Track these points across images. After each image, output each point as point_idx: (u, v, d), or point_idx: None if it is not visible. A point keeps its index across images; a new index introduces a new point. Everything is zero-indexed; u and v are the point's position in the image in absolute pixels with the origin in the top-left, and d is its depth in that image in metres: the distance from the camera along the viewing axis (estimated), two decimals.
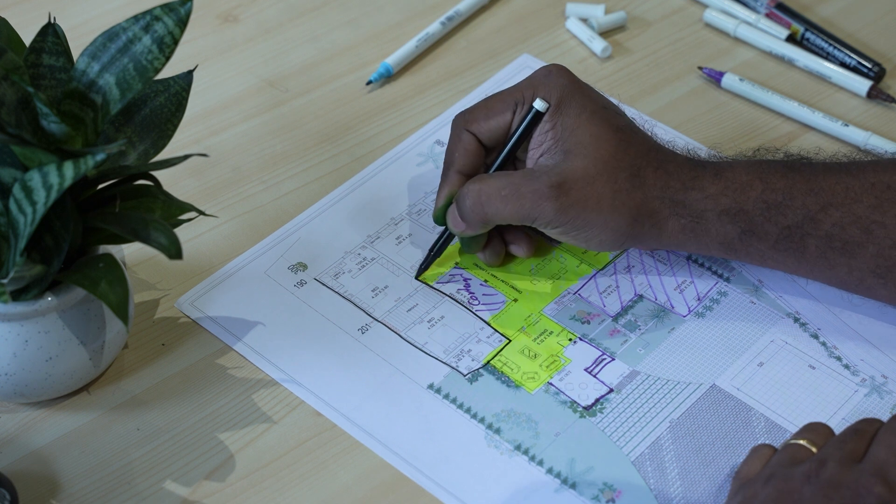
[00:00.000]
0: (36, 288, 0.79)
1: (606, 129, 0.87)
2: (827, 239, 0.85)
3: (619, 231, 0.87)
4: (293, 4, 1.13)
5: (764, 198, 0.86)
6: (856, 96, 1.06)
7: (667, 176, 0.87)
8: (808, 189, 0.86)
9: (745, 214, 0.86)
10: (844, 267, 0.86)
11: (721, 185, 0.86)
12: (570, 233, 0.87)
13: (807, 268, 0.87)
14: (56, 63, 0.80)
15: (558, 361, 0.87)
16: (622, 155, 0.87)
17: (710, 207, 0.86)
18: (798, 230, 0.86)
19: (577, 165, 0.86)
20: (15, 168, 0.77)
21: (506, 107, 0.90)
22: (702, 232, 0.87)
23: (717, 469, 0.82)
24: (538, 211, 0.86)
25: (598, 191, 0.86)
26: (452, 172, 0.90)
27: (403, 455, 0.83)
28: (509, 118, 0.89)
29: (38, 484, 0.81)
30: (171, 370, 0.87)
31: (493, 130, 0.90)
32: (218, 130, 1.02)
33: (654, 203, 0.87)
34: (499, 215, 0.87)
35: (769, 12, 1.11)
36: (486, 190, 0.87)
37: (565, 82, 0.89)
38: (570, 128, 0.87)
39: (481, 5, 1.13)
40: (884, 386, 0.86)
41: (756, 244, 0.87)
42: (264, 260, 0.93)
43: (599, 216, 0.86)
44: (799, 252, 0.86)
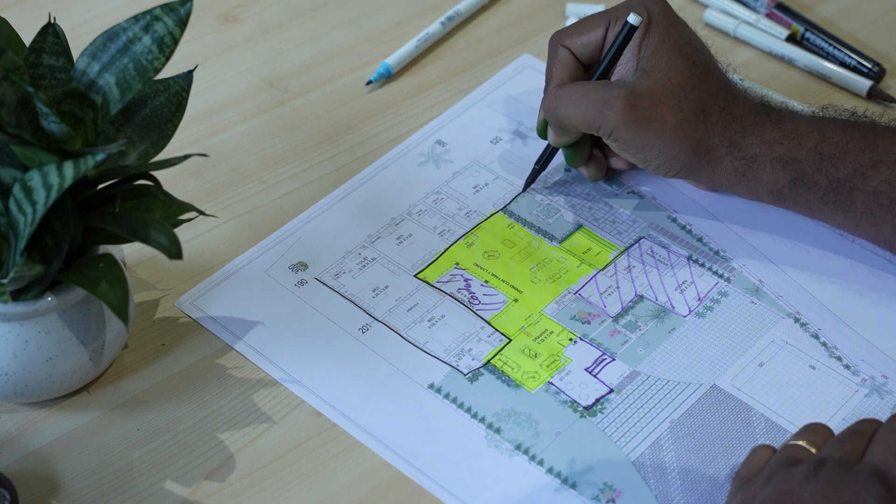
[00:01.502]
0: (36, 288, 0.79)
1: (683, 61, 0.90)
2: (874, 195, 0.87)
3: (678, 159, 0.90)
4: (293, 4, 1.13)
5: (819, 149, 0.88)
6: (856, 96, 1.06)
7: (730, 117, 0.90)
8: (864, 145, 0.88)
9: (797, 163, 0.88)
10: (889, 224, 0.88)
11: (780, 133, 0.89)
12: (629, 149, 0.90)
13: (853, 222, 0.90)
14: (56, 63, 0.80)
15: (559, 361, 0.87)
16: (691, 88, 0.90)
17: (765, 153, 0.89)
18: (847, 183, 0.88)
19: (647, 85, 0.89)
20: (15, 168, 0.77)
21: (599, 23, 0.93)
22: (753, 176, 0.90)
23: (717, 469, 0.82)
24: (602, 119, 0.89)
25: (663, 113, 0.89)
26: (551, 87, 0.94)
27: (404, 455, 0.83)
28: (602, 34, 0.93)
29: (38, 484, 0.81)
30: (171, 370, 0.87)
31: (586, 45, 0.93)
32: (218, 130, 1.02)
33: (713, 140, 0.89)
34: (568, 119, 0.91)
35: (769, 12, 1.11)
36: (561, 93, 0.91)
37: (659, 9, 0.92)
38: (651, 49, 0.90)
39: (481, 5, 1.13)
40: (884, 386, 0.86)
41: (805, 194, 0.89)
42: (265, 260, 0.93)
43: (661, 139, 0.89)
44: (846, 206, 0.88)
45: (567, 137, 0.93)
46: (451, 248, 0.94)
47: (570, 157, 0.96)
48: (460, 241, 0.95)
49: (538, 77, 1.06)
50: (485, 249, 0.94)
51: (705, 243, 0.94)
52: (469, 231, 0.95)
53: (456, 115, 1.03)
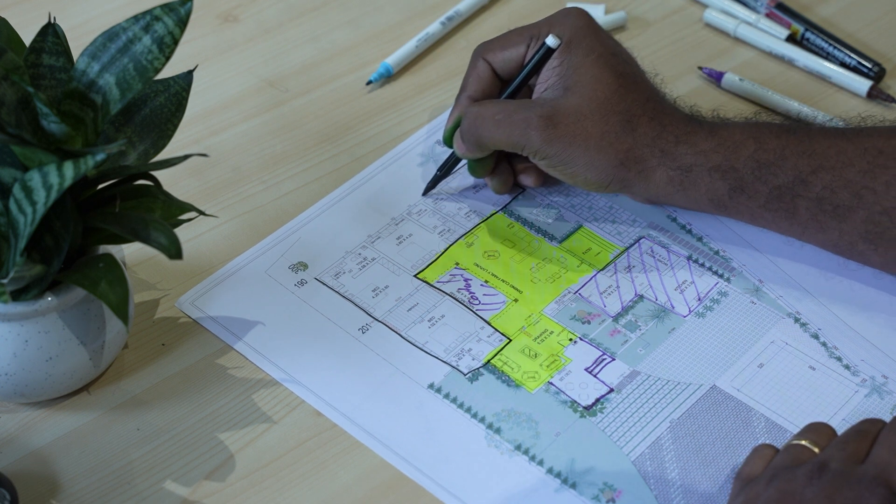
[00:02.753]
0: (36, 288, 0.79)
1: (609, 73, 0.90)
2: (817, 201, 0.87)
3: (604, 171, 0.89)
4: (293, 4, 1.13)
5: (756, 157, 0.87)
6: (856, 96, 1.06)
7: (660, 127, 0.89)
8: (801, 151, 0.87)
9: (735, 172, 0.88)
10: (835, 230, 0.87)
11: (714, 141, 0.88)
12: (556, 166, 0.90)
13: (798, 229, 0.89)
14: (56, 63, 0.80)
15: (559, 361, 0.87)
16: (618, 99, 0.89)
17: (701, 162, 0.88)
18: (788, 191, 0.87)
19: (572, 102, 0.89)
20: (15, 168, 0.77)
21: (521, 40, 0.93)
22: (690, 185, 0.89)
23: (717, 469, 0.82)
24: (525, 138, 0.89)
25: (587, 128, 0.88)
26: (464, 97, 0.94)
27: (403, 455, 0.83)
28: (523, 51, 0.93)
29: (38, 484, 0.81)
30: (171, 370, 0.87)
31: (506, 61, 0.93)
32: (218, 130, 1.02)
33: (642, 150, 0.89)
34: (491, 139, 0.90)
35: (769, 12, 1.11)
36: (482, 112, 0.91)
37: (581, 24, 0.92)
38: (574, 66, 0.90)
39: (481, 5, 1.13)
40: (884, 386, 0.86)
41: (746, 202, 0.89)
42: (265, 260, 0.93)
43: (585, 153, 0.89)
44: (789, 213, 0.88)
45: (481, 154, 0.93)
46: (451, 248, 0.94)
47: (474, 168, 0.95)
48: (460, 241, 0.95)
49: None
50: (485, 249, 0.94)
51: (705, 243, 0.94)
52: (469, 231, 0.95)
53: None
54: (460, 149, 0.93)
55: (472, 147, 0.92)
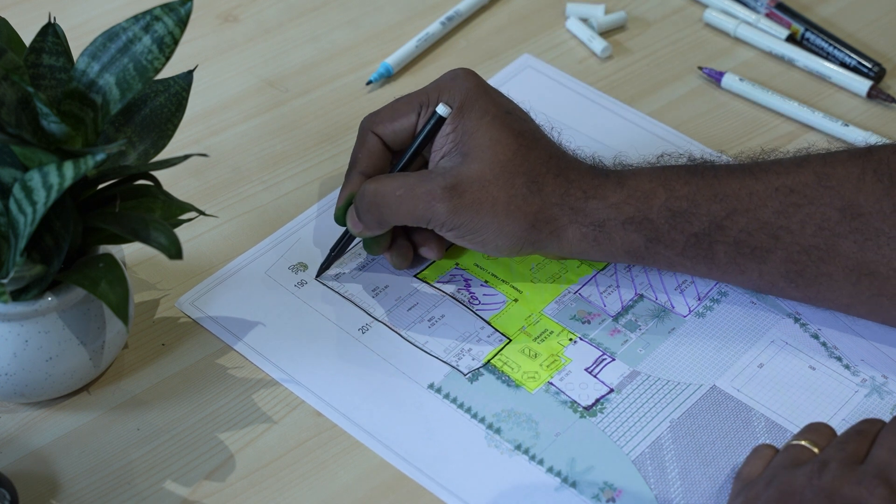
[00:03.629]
0: (36, 288, 0.79)
1: (507, 133, 0.86)
2: (735, 245, 0.85)
3: (515, 236, 0.86)
4: (293, 4, 1.13)
5: (668, 205, 0.85)
6: (856, 96, 1.06)
7: (567, 183, 0.86)
8: (713, 195, 0.85)
9: (649, 223, 0.86)
10: (755, 272, 0.86)
11: (624, 193, 0.86)
12: (465, 236, 0.86)
13: (718, 273, 0.88)
14: (56, 63, 0.80)
15: (559, 361, 0.87)
16: (521, 160, 0.86)
17: (613, 217, 0.86)
18: (706, 237, 0.85)
19: (474, 168, 0.85)
20: (15, 168, 0.77)
21: (410, 109, 0.89)
22: (605, 240, 0.87)
23: (717, 469, 0.82)
24: (431, 212, 0.85)
25: (493, 194, 0.85)
26: (355, 173, 0.90)
27: (404, 455, 0.83)
28: (414, 120, 0.89)
29: (38, 484, 0.81)
30: (171, 370, 0.87)
31: (397, 132, 0.89)
32: (218, 130, 1.02)
33: (552, 210, 0.86)
34: (393, 216, 0.86)
35: (769, 12, 1.11)
36: (381, 190, 0.86)
37: (470, 86, 0.88)
38: (469, 131, 0.86)
39: (481, 5, 1.13)
40: (884, 386, 0.86)
41: (663, 252, 0.87)
42: (265, 260, 0.93)
43: (494, 220, 0.85)
44: (708, 258, 0.86)
45: (380, 231, 0.88)
46: (451, 248, 0.94)
47: (370, 245, 0.90)
48: None
49: (538, 77, 1.06)
50: None
51: None
52: None
53: None
54: (356, 227, 0.88)
55: (371, 226, 0.88)
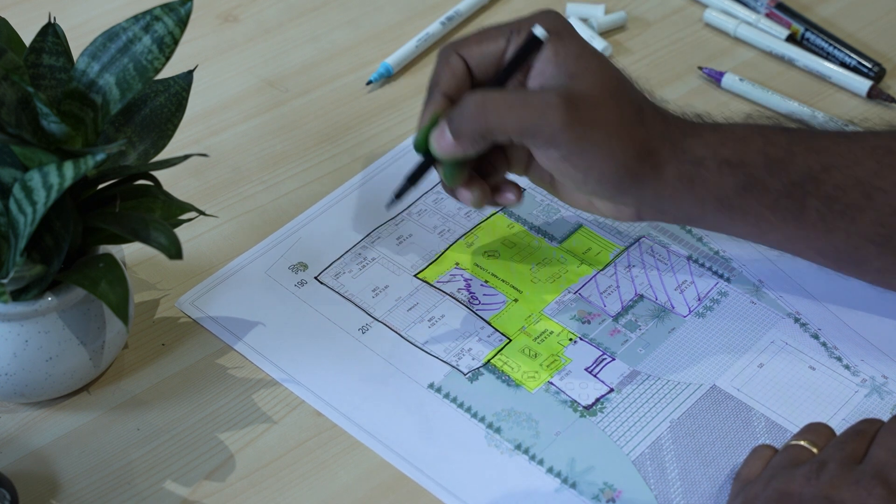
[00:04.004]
0: (36, 288, 0.79)
1: (609, 65, 0.83)
2: (828, 200, 0.82)
3: (621, 164, 0.82)
4: (293, 4, 1.13)
5: (765, 151, 0.83)
6: (856, 96, 1.06)
7: (665, 121, 0.84)
8: (810, 147, 0.83)
9: (745, 167, 0.83)
10: (843, 232, 0.83)
11: (720, 135, 0.83)
12: (570, 157, 0.81)
13: (803, 232, 0.84)
14: (56, 63, 0.80)
15: (559, 361, 0.87)
16: (625, 89, 0.83)
17: (710, 155, 0.83)
18: (800, 188, 0.82)
19: (587, 86, 0.81)
20: (15, 168, 0.77)
21: (500, 34, 0.85)
22: (700, 182, 0.83)
23: (717, 469, 0.82)
24: (544, 121, 0.80)
25: (607, 114, 0.81)
26: (437, 93, 0.85)
27: (404, 454, 0.83)
28: (503, 45, 0.84)
29: (38, 484, 0.81)
30: (171, 370, 0.87)
31: (484, 55, 0.85)
32: (218, 130, 1.02)
33: (655, 142, 0.82)
34: (501, 125, 0.81)
35: (769, 12, 1.11)
36: (491, 97, 0.82)
37: (564, 22, 0.84)
38: (574, 55, 0.83)
39: (481, 5, 1.13)
40: (884, 386, 0.86)
41: (754, 202, 0.83)
42: (265, 260, 0.93)
43: (607, 140, 0.81)
44: (797, 213, 0.83)
45: (475, 151, 0.83)
46: (451, 248, 0.94)
47: (451, 174, 0.85)
48: (460, 241, 0.95)
49: None
50: (485, 249, 0.94)
51: (705, 243, 0.94)
52: (469, 231, 0.95)
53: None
54: (446, 147, 0.83)
55: (471, 141, 0.82)
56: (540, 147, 0.82)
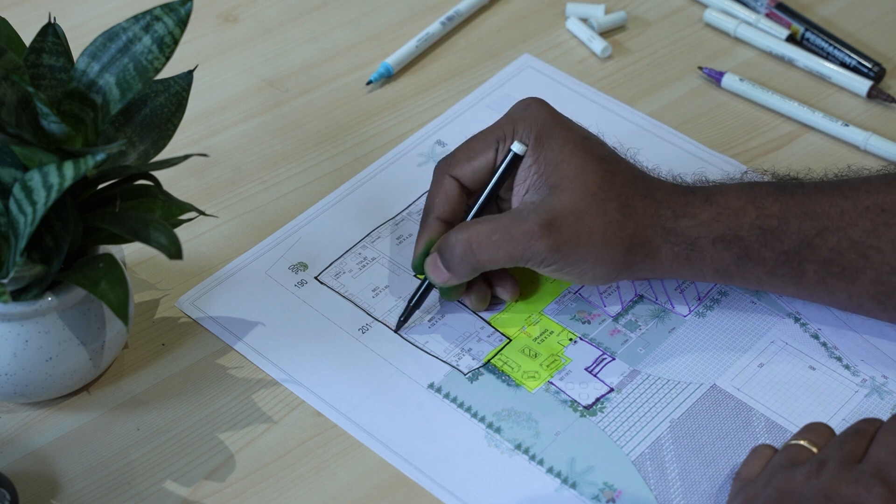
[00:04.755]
0: (36, 288, 0.79)
1: (591, 159, 0.85)
2: (825, 264, 0.84)
3: (614, 263, 0.85)
4: (293, 4, 1.13)
5: (759, 223, 0.85)
6: (856, 96, 1.06)
7: (656, 204, 0.85)
8: (803, 213, 0.84)
9: (740, 241, 0.85)
10: (843, 292, 0.85)
11: (713, 211, 0.85)
12: (563, 269, 0.85)
13: (805, 293, 0.87)
14: (56, 63, 0.80)
15: (559, 361, 0.87)
16: (609, 185, 0.85)
17: (704, 234, 0.85)
18: (796, 256, 0.85)
19: (566, 200, 0.84)
20: (15, 168, 0.77)
21: (487, 146, 0.87)
22: (696, 259, 0.86)
23: (717, 469, 0.82)
24: (531, 252, 0.84)
25: (589, 225, 0.84)
26: (432, 219, 0.88)
27: (404, 455, 0.83)
28: (492, 158, 0.87)
29: (38, 484, 0.81)
30: (171, 370, 0.87)
31: (476, 172, 0.88)
32: (218, 130, 1.02)
33: (646, 232, 0.85)
34: (492, 261, 0.85)
35: (769, 12, 1.11)
36: (475, 237, 0.85)
37: (545, 115, 0.87)
38: (553, 161, 0.85)
39: (481, 5, 1.13)
40: (884, 386, 0.86)
41: (753, 270, 0.86)
42: (265, 260, 0.93)
43: (593, 250, 0.84)
44: (797, 277, 0.85)
45: (471, 277, 0.86)
46: None
47: (448, 293, 0.88)
48: None
49: (539, 77, 1.06)
50: None
51: None
52: None
53: (456, 116, 1.03)
54: (441, 276, 0.86)
55: (464, 274, 0.86)
56: (534, 268, 0.86)
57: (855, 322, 0.89)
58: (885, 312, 0.86)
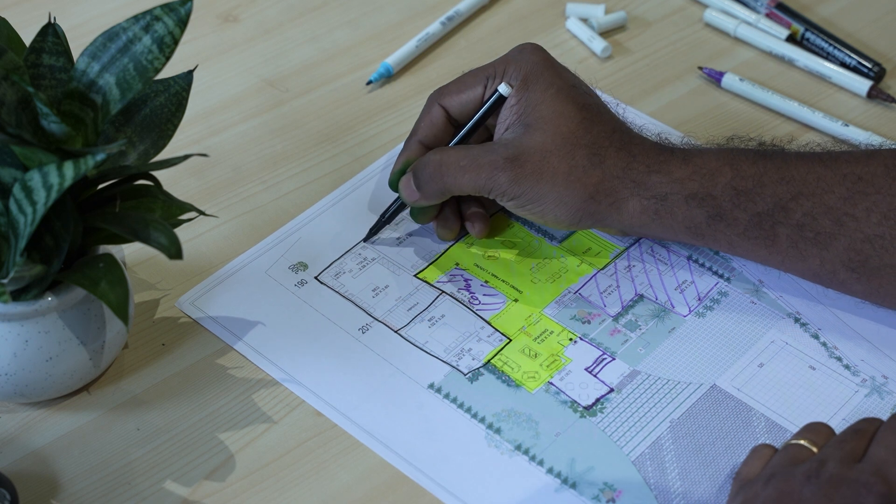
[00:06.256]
0: (36, 288, 0.79)
1: (570, 106, 0.88)
2: (798, 228, 0.85)
3: (574, 207, 0.87)
4: (293, 4, 1.13)
5: (733, 184, 0.86)
6: (856, 96, 1.06)
7: (630, 157, 0.88)
8: (780, 177, 0.86)
9: (713, 200, 0.86)
10: (816, 258, 0.86)
11: (689, 169, 0.87)
12: (525, 206, 0.88)
13: (778, 258, 0.88)
14: (56, 63, 0.80)
15: (559, 361, 0.87)
16: (583, 132, 0.88)
17: (676, 191, 0.87)
18: (768, 218, 0.86)
19: (535, 139, 0.87)
20: (15, 168, 0.77)
21: (477, 82, 0.91)
22: (666, 214, 0.87)
23: (717, 469, 0.82)
24: (493, 181, 0.87)
25: (554, 165, 0.87)
26: (414, 141, 0.92)
27: (404, 455, 0.83)
28: (480, 93, 0.91)
29: (38, 484, 0.81)
30: (171, 370, 0.87)
31: (463, 104, 0.92)
32: (218, 130, 1.02)
33: (612, 182, 0.87)
34: (457, 185, 0.88)
35: (769, 12, 1.11)
36: (445, 160, 0.89)
37: (537, 59, 0.90)
38: (533, 103, 0.88)
39: (481, 5, 1.13)
40: (884, 386, 0.86)
41: (724, 230, 0.87)
42: (265, 260, 0.93)
43: (553, 190, 0.87)
44: (769, 240, 0.86)
45: (437, 201, 0.91)
46: (451, 248, 0.94)
47: (417, 214, 0.92)
48: (460, 241, 0.95)
49: None
50: (485, 249, 0.94)
51: None
52: None
53: None
54: (411, 195, 0.90)
55: (431, 194, 0.90)
56: (496, 199, 0.89)
57: (855, 322, 0.89)
58: (860, 283, 0.86)
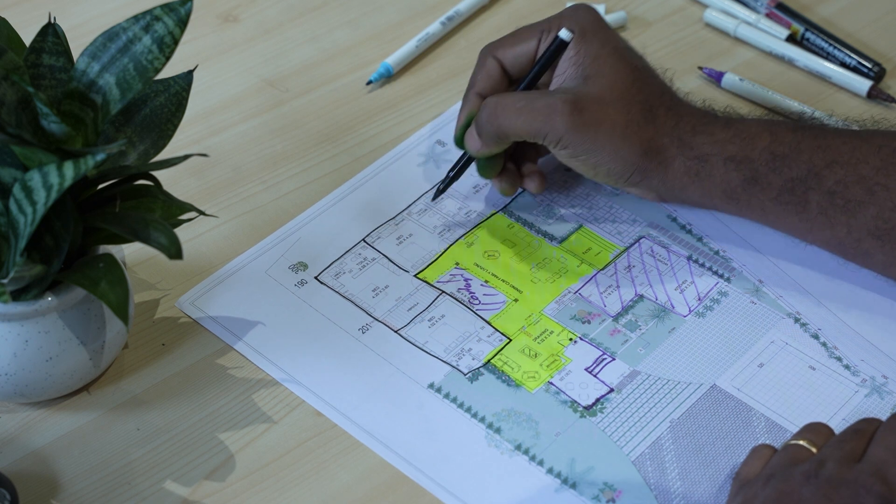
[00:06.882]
0: (36, 288, 0.79)
1: (626, 64, 0.90)
2: (829, 195, 0.87)
3: (628, 161, 0.89)
4: (293, 4, 1.13)
5: (771, 149, 0.88)
6: (856, 96, 1.06)
7: (677, 117, 0.90)
8: (816, 145, 0.88)
9: (750, 163, 0.88)
10: (844, 227, 0.87)
11: (730, 132, 0.89)
12: (579, 156, 0.89)
13: (806, 225, 0.89)
14: (56, 63, 0.80)
15: (559, 361, 0.87)
16: (637, 90, 0.90)
17: (717, 152, 0.89)
18: (801, 184, 0.87)
19: (595, 89, 0.89)
20: (15, 168, 0.77)
21: (532, 35, 0.93)
22: (706, 175, 0.89)
23: (717, 469, 0.82)
24: (550, 125, 0.88)
25: (612, 116, 0.88)
26: (472, 94, 0.93)
27: (404, 455, 0.83)
28: (534, 46, 0.92)
29: (38, 484, 0.81)
30: (171, 370, 0.87)
31: (518, 56, 0.93)
32: (218, 130, 1.02)
33: (663, 139, 0.89)
34: (512, 128, 0.89)
35: (769, 12, 1.11)
36: (502, 102, 0.90)
37: (591, 17, 0.92)
38: (592, 56, 0.90)
39: (481, 5, 1.13)
40: (884, 386, 0.86)
41: (758, 195, 0.89)
42: (265, 260, 0.93)
43: (611, 141, 0.88)
44: (800, 206, 0.88)
45: (497, 148, 0.92)
46: (451, 248, 0.94)
47: (484, 168, 0.94)
48: (460, 241, 0.95)
49: None
50: (485, 249, 0.94)
51: (705, 243, 0.94)
52: (469, 231, 0.95)
53: (456, 116, 1.03)
54: (474, 145, 0.92)
55: (490, 140, 0.91)
56: (550, 146, 0.90)
57: (855, 322, 0.89)
58: (883, 252, 0.87)
